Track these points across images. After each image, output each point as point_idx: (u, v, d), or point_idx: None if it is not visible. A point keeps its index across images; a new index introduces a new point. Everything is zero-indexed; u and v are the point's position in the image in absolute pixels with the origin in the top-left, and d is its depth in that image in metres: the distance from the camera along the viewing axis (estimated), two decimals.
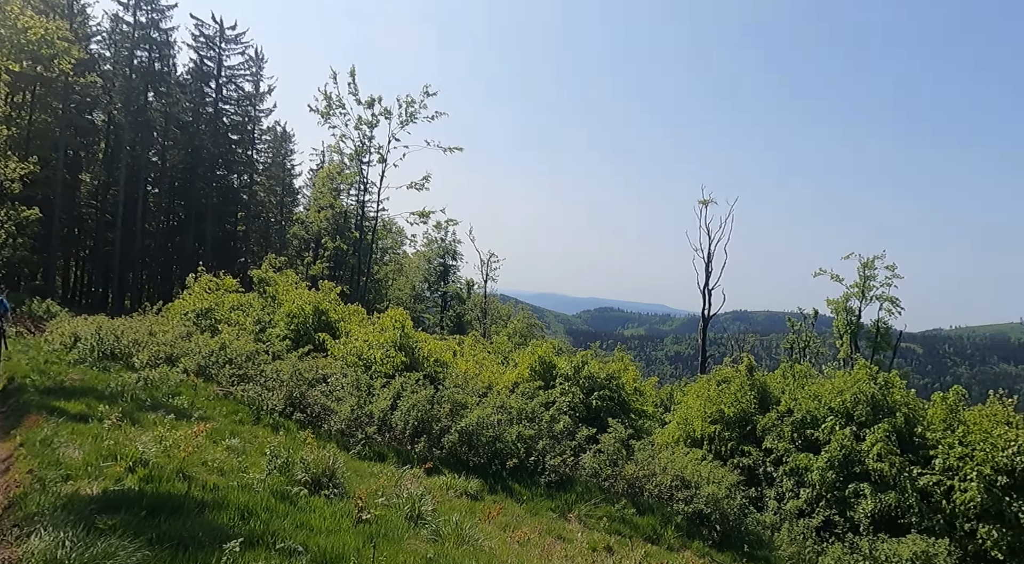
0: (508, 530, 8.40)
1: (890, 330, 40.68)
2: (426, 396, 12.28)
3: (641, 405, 17.33)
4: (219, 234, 50.60)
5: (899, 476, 12.72)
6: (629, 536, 10.43)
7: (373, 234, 46.23)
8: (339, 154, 47.23)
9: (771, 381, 17.79)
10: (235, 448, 8.39)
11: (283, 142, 56.07)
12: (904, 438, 13.73)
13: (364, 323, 17.79)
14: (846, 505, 13.14)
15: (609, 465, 12.48)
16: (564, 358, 16.81)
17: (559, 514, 10.77)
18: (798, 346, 46.36)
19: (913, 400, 14.86)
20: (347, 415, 11.75)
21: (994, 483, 11.89)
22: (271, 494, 6.06)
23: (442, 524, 6.69)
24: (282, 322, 17.12)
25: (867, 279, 41.06)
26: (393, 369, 13.99)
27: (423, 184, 41.81)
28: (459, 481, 10.53)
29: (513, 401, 13.43)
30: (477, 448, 11.90)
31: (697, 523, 11.48)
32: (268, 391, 12.45)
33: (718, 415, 16.47)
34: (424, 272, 60.62)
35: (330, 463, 7.08)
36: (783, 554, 11.28)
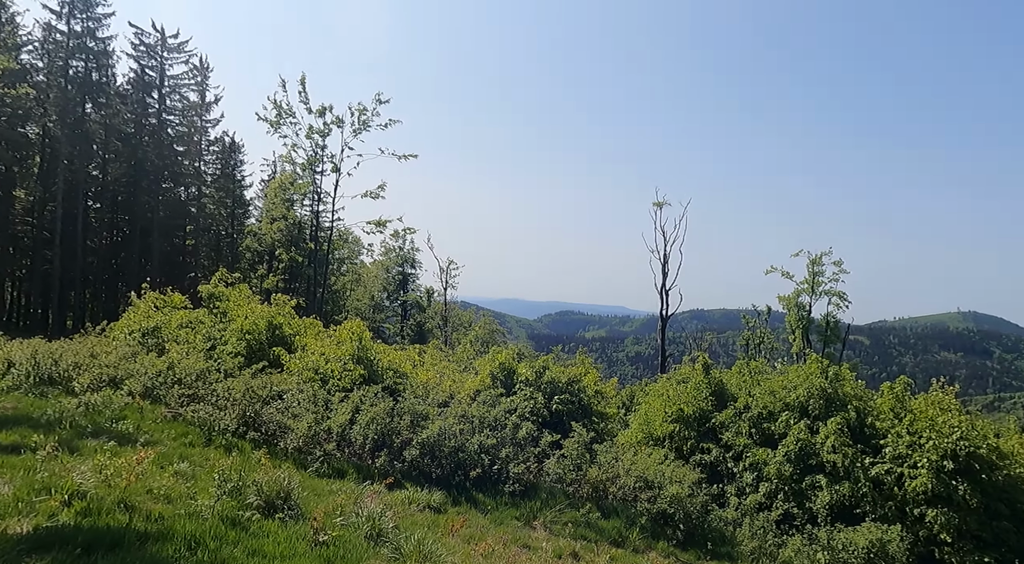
0: (472, 542, 8.27)
1: (839, 323, 42.18)
2: (385, 409, 12.04)
3: (603, 407, 17.42)
4: (167, 249, 48.86)
5: (852, 467, 13.11)
6: (594, 540, 10.42)
7: (329, 244, 45.44)
8: (291, 164, 46.35)
9: (728, 378, 18.15)
10: (184, 473, 8.03)
11: (232, 153, 54.55)
12: (856, 429, 14.17)
13: (321, 336, 17.35)
14: (804, 497, 13.46)
15: (573, 470, 12.47)
16: (525, 363, 16.75)
17: (524, 522, 10.69)
18: (753, 342, 47.63)
19: (863, 392, 15.36)
20: (304, 432, 11.40)
21: (941, 469, 12.37)
22: (221, 521, 5.80)
23: (403, 541, 6.53)
24: (234, 338, 16.54)
25: (816, 275, 42.52)
26: (351, 382, 13.67)
27: (379, 193, 41.32)
28: (421, 494, 10.34)
29: (475, 410, 13.30)
30: (439, 459, 11.72)
31: (661, 523, 11.57)
32: (220, 411, 11.98)
33: (678, 414, 16.68)
34: (383, 281, 59.92)
35: (285, 484, 6.83)
36: (745, 549, 11.46)
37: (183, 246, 51.23)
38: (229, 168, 54.15)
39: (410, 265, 60.15)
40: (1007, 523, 12.20)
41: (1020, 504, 12.53)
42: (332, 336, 15.96)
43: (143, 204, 45.95)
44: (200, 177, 51.08)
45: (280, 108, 39.97)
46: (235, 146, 54.69)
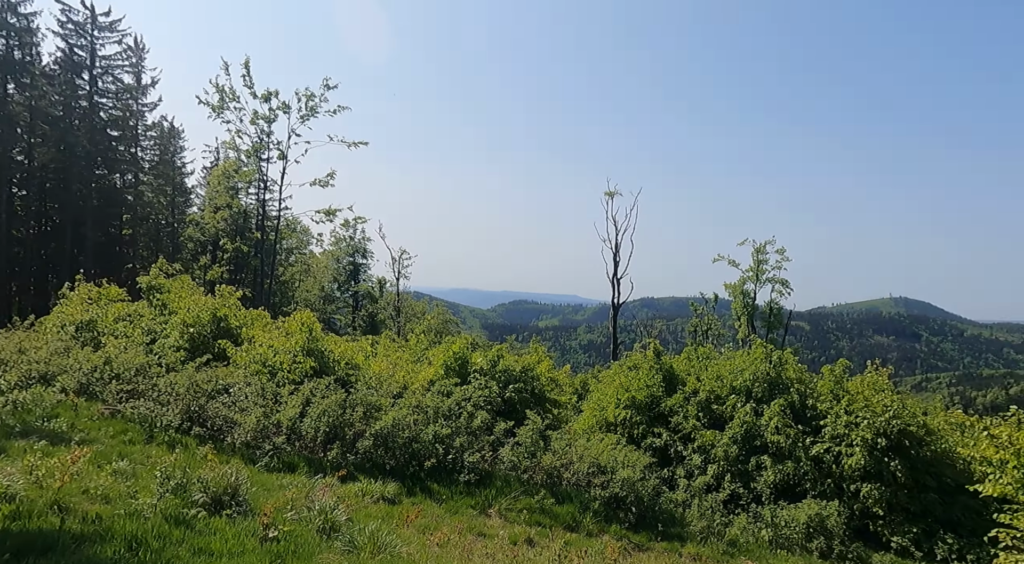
0: (427, 532, 8.25)
1: (781, 310, 43.81)
2: (337, 401, 11.82)
3: (556, 395, 17.59)
4: (101, 239, 46.46)
5: (794, 447, 13.66)
6: (549, 526, 10.54)
7: (276, 234, 44.15)
8: (235, 151, 44.69)
9: (677, 364, 18.60)
10: (123, 471, 7.68)
11: (172, 138, 52.18)
12: (798, 411, 14.76)
13: (269, 328, 16.87)
14: (749, 478, 13.96)
15: (528, 457, 12.57)
16: (479, 353, 16.74)
17: (479, 511, 10.72)
18: (701, 329, 48.96)
19: (804, 375, 15.99)
20: (252, 426, 11.09)
21: (875, 446, 13.02)
22: (164, 520, 5.57)
23: (357, 534, 6.44)
24: (175, 332, 15.91)
25: (760, 263, 43.98)
26: (302, 375, 13.36)
27: (328, 181, 40.34)
28: (375, 486, 10.23)
29: (429, 400, 13.21)
30: (393, 451, 11.61)
31: (614, 507, 11.78)
32: (162, 406, 11.54)
33: (629, 400, 17.00)
34: (333, 272, 58.71)
35: (232, 480, 6.62)
36: (694, 529, 11.79)
37: (119, 236, 48.83)
38: (168, 154, 51.81)
39: (361, 255, 59.07)
40: (933, 495, 12.94)
41: (945, 477, 13.31)
42: (281, 328, 15.55)
43: (74, 192, 43.51)
44: (137, 164, 48.70)
45: (223, 92, 38.43)
46: (175, 131, 52.38)
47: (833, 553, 11.52)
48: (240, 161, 46.57)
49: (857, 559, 11.58)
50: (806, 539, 11.79)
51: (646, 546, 10.68)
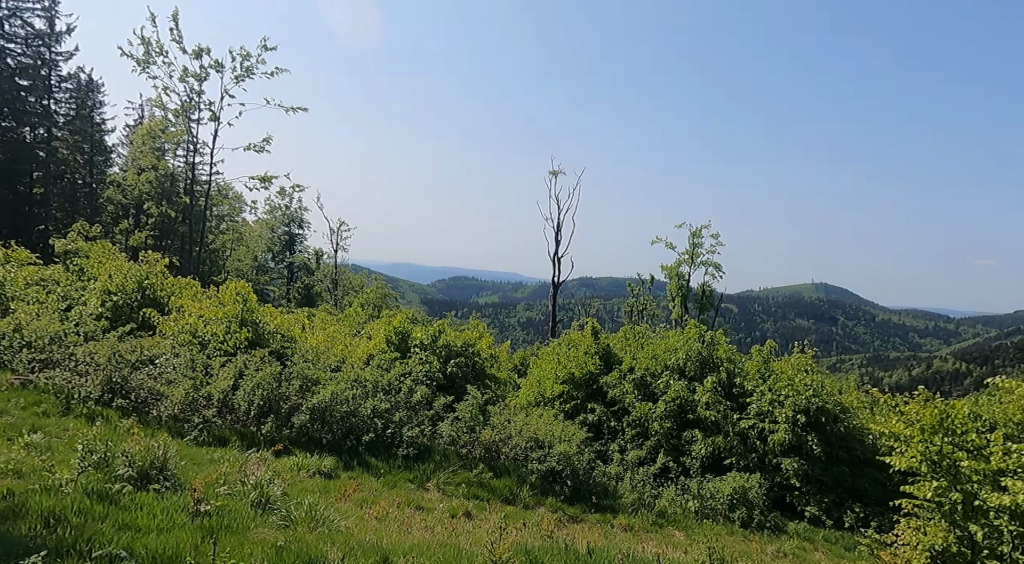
0: (365, 506, 8.18)
1: (713, 292, 45.52)
2: (273, 373, 11.48)
3: (496, 371, 17.70)
4: (9, 197, 42.90)
5: (723, 422, 14.32)
6: (487, 499, 10.68)
7: (207, 199, 42.05)
8: (162, 109, 41.98)
9: (614, 342, 19.07)
10: (37, 445, 7.22)
11: (90, 92, 48.37)
12: (727, 388, 15.45)
13: (199, 297, 16.10)
14: (680, 452, 14.56)
15: (467, 432, 12.63)
16: (420, 328, 16.59)
17: (418, 485, 10.72)
18: (637, 309, 50.26)
19: (734, 355, 16.72)
20: (181, 398, 10.63)
21: (796, 422, 13.81)
22: (85, 495, 5.28)
23: (294, 508, 6.30)
24: (95, 299, 14.97)
25: (696, 246, 45.41)
26: (235, 346, 12.86)
27: (264, 146, 38.58)
28: (311, 460, 10.05)
29: (368, 374, 13.03)
30: (330, 425, 11.42)
31: (550, 480, 12.04)
32: (80, 377, 10.88)
33: (567, 377, 17.34)
34: (267, 241, 56.58)
35: (160, 453, 6.33)
36: (626, 501, 12.21)
37: (29, 195, 45.22)
38: (86, 109, 48.10)
39: (297, 225, 57.12)
40: (844, 468, 13.90)
41: (855, 451, 14.30)
42: (213, 298, 14.87)
43: None
44: (50, 117, 45.04)
45: (148, 45, 35.89)
46: (93, 84, 48.62)
47: (753, 522, 12.20)
48: (167, 120, 43.83)
49: (775, 527, 12.31)
50: (729, 509, 12.42)
51: (580, 518, 10.99)
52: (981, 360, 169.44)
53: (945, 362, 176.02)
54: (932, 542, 7.08)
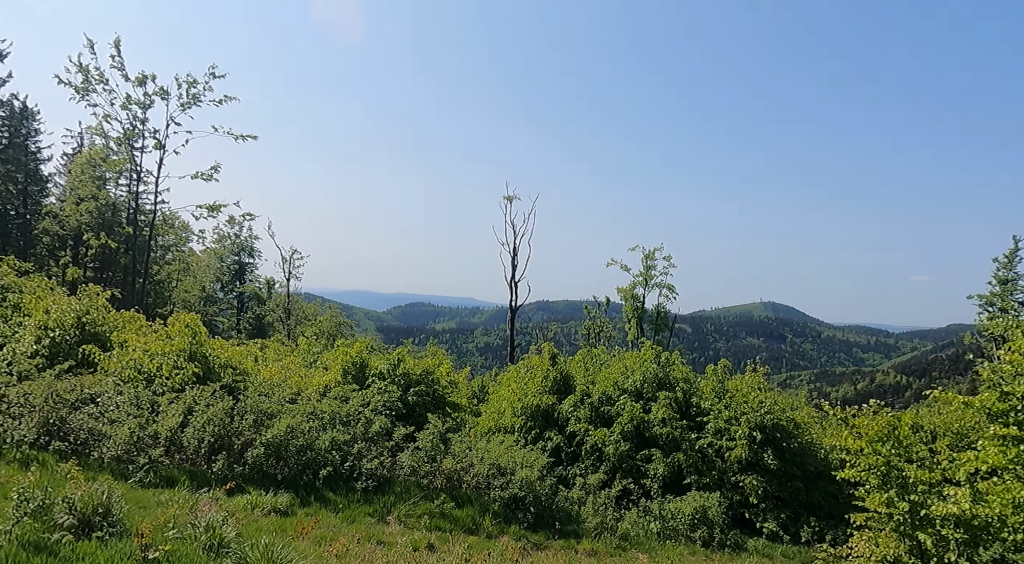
0: (324, 544, 7.93)
1: (668, 313, 46.50)
2: (224, 408, 11.08)
3: (457, 398, 17.54)
4: None
5: (681, 440, 14.51)
6: (450, 530, 10.49)
7: (151, 230, 40.56)
8: (103, 137, 40.56)
9: (572, 366, 19.16)
10: None
11: (24, 120, 46.50)
12: (683, 408, 15.69)
13: (144, 331, 15.47)
14: (640, 474, 14.64)
15: (427, 461, 12.43)
16: (378, 356, 16.34)
17: (378, 518, 10.46)
18: (594, 331, 50.83)
19: (690, 375, 17.04)
20: (125, 438, 10.13)
21: (753, 439, 14.12)
22: (21, 547, 4.95)
23: (249, 549, 6.06)
24: (29, 336, 14.20)
25: (649, 269, 46.47)
26: (183, 382, 12.37)
27: (212, 174, 37.60)
28: (266, 498, 9.69)
29: (325, 405, 12.73)
30: (286, 459, 11.07)
31: (513, 508, 11.92)
32: (13, 419, 10.26)
33: (523, 408, 17.29)
34: (216, 271, 54.91)
35: (103, 498, 6.01)
36: (589, 526, 12.19)
37: None
38: (20, 137, 46.17)
39: (247, 254, 55.70)
40: (799, 483, 14.24)
41: (809, 466, 14.69)
42: (159, 331, 14.32)
43: None
44: None
45: (87, 72, 34.77)
46: (28, 112, 46.77)
47: (714, 541, 12.34)
48: (109, 149, 42.47)
49: (735, 545, 12.47)
50: (691, 529, 12.53)
51: (544, 545, 10.89)
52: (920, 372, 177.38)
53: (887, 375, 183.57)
54: (884, 553, 7.31)
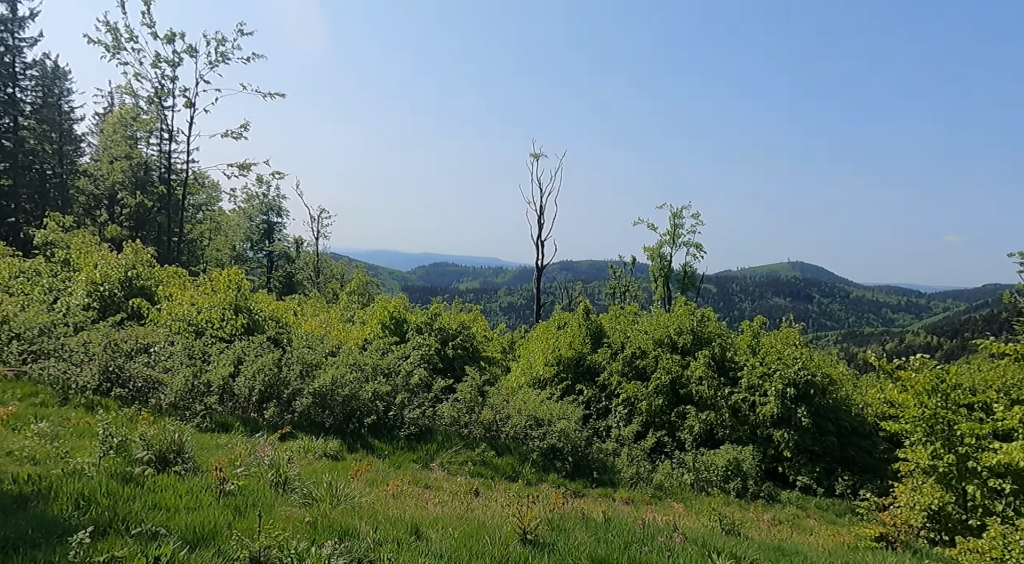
0: (376, 486, 8.26)
1: (695, 273, 46.13)
2: (273, 359, 11.45)
3: (492, 352, 17.81)
4: None
5: (716, 396, 14.61)
6: (491, 477, 10.82)
7: (184, 188, 41.19)
8: (133, 96, 40.89)
9: (605, 322, 19.27)
10: (45, 434, 7.15)
11: (57, 80, 46.89)
12: (719, 363, 15.75)
13: (187, 286, 15.92)
14: (674, 427, 14.84)
15: (467, 412, 12.75)
16: (416, 311, 16.61)
17: (422, 465, 10.83)
18: (619, 291, 50.72)
19: (724, 331, 17.04)
20: (180, 386, 10.56)
21: (785, 395, 14.16)
22: (110, 478, 5.28)
23: (313, 487, 6.36)
24: (81, 290, 14.72)
25: (677, 227, 45.89)
26: (231, 334, 12.77)
27: (241, 133, 37.84)
28: (317, 443, 10.09)
29: (367, 358, 13.05)
30: (332, 408, 11.44)
31: (551, 457, 12.23)
32: (76, 367, 10.74)
33: (557, 358, 17.51)
34: (246, 230, 55.67)
35: (176, 437, 6.33)
36: (625, 476, 12.47)
37: None
38: (54, 97, 46.70)
39: (276, 213, 56.23)
40: (833, 438, 14.32)
41: (843, 422, 14.73)
42: (203, 285, 14.71)
43: None
44: (16, 106, 43.68)
45: (116, 31, 34.82)
46: (60, 71, 47.17)
47: (748, 492, 12.55)
48: (139, 108, 42.77)
49: (769, 497, 12.68)
50: (724, 481, 12.75)
51: (582, 493, 11.20)
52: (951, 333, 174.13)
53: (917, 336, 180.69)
54: (928, 502, 7.38)
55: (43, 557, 3.52)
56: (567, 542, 5.18)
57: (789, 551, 5.96)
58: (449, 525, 5.45)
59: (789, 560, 5.49)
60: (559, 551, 4.90)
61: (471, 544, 4.82)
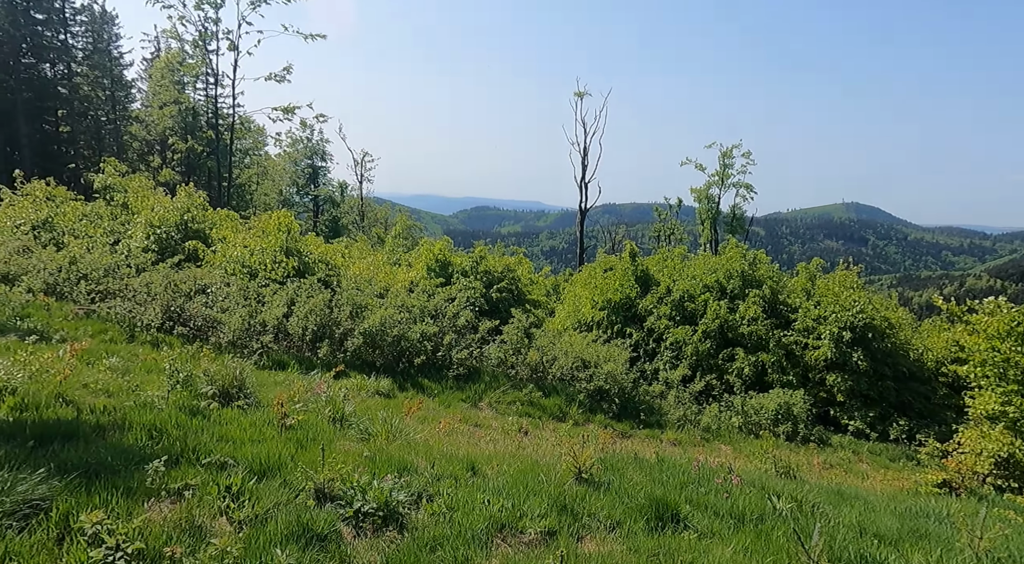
0: (427, 423, 8.43)
1: (744, 215, 44.68)
2: (324, 300, 11.67)
3: (537, 295, 17.79)
4: (37, 136, 43.15)
5: (767, 338, 14.31)
6: (539, 417, 10.96)
7: (231, 133, 41.67)
8: (178, 40, 41.16)
9: (651, 265, 18.94)
10: (117, 368, 7.51)
11: (105, 25, 47.40)
12: (771, 306, 15.35)
13: (239, 229, 16.27)
14: (722, 371, 14.67)
15: (513, 354, 12.85)
16: (461, 254, 16.62)
17: (471, 404, 11.02)
18: (664, 234, 49.68)
19: (776, 273, 16.53)
20: (238, 325, 10.90)
21: (841, 339, 13.74)
22: (178, 410, 5.49)
23: (368, 423, 6.51)
24: (141, 233, 15.21)
25: (726, 167, 44.25)
26: (284, 275, 13.06)
27: (284, 75, 37.73)
28: (369, 382, 10.35)
29: (414, 300, 13.19)
30: (382, 348, 11.68)
31: (597, 399, 12.29)
32: (140, 306, 11.19)
33: (605, 302, 17.37)
34: (291, 175, 56.39)
35: (238, 373, 6.53)
36: (672, 417, 12.47)
37: (56, 133, 45.39)
38: (103, 43, 47.30)
39: (320, 157, 56.61)
40: (889, 383, 13.93)
41: (900, 366, 14.28)
42: (255, 228, 14.99)
43: (1, 82, 39.79)
44: (68, 52, 44.49)
45: None
46: (108, 17, 47.58)
47: (798, 436, 12.41)
48: (184, 52, 42.95)
49: (819, 440, 12.51)
50: (774, 424, 12.62)
51: (629, 433, 11.26)
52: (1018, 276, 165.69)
53: (979, 279, 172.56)
54: (997, 449, 7.10)
55: (123, 483, 3.68)
56: (622, 481, 5.17)
57: (849, 495, 5.84)
58: (503, 462, 5.52)
59: (850, 504, 5.38)
60: (615, 490, 4.90)
61: (527, 481, 4.86)
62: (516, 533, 4.03)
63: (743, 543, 4.14)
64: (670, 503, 4.57)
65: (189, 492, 3.76)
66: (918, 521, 5.17)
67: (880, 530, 4.74)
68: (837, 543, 4.22)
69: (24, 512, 3.22)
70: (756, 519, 4.60)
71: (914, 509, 5.63)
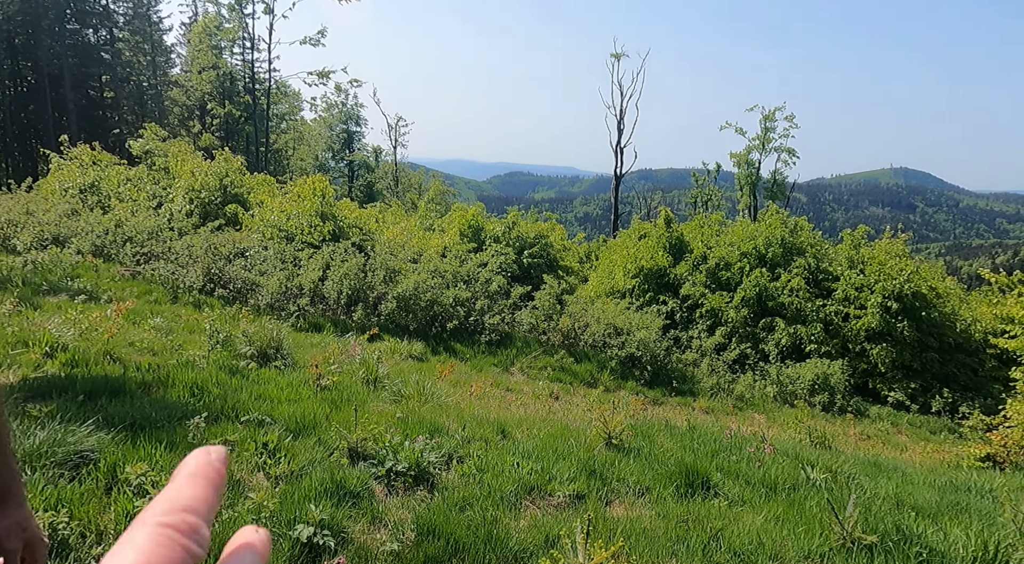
0: (459, 387, 8.54)
1: (785, 180, 43.26)
2: (358, 264, 11.81)
3: (570, 262, 17.67)
4: (82, 102, 44.19)
5: (808, 308, 13.97)
6: (570, 383, 10.99)
7: (268, 97, 41.98)
8: (215, 4, 41.28)
9: (687, 231, 18.56)
10: (160, 328, 7.76)
11: None
12: (812, 274, 14.95)
13: (275, 194, 16.49)
14: (758, 340, 14.43)
15: (545, 319, 12.85)
16: (493, 220, 16.56)
17: (502, 369, 11.11)
18: (701, 200, 48.54)
19: (818, 241, 16.03)
20: (276, 288, 11.14)
21: (887, 308, 13.33)
22: (218, 369, 5.67)
23: (401, 385, 6.63)
24: (181, 197, 15.56)
25: (767, 131, 42.71)
26: (319, 239, 13.24)
27: (319, 39, 37.70)
28: (402, 345, 10.50)
29: (446, 265, 13.24)
30: (415, 312, 11.80)
31: (629, 366, 12.25)
32: (183, 268, 11.51)
33: (638, 269, 17.14)
34: (327, 140, 56.65)
35: (275, 334, 6.69)
36: (704, 385, 12.37)
37: (101, 99, 46.40)
38: (143, 7, 47.78)
39: (355, 122, 56.65)
40: (934, 354, 13.52)
41: (947, 337, 13.82)
42: (291, 192, 15.17)
43: (47, 48, 40.63)
44: (110, 17, 45.10)
45: None
46: None
47: (835, 406, 12.19)
48: (221, 16, 43.11)
49: (856, 411, 12.27)
50: (810, 394, 12.41)
51: (661, 401, 11.22)
52: None
53: None
54: None
55: (166, 437, 3.83)
56: (652, 448, 5.16)
57: (886, 466, 5.72)
58: (534, 426, 5.55)
59: (887, 476, 5.27)
60: (644, 456, 4.90)
61: (557, 445, 4.89)
62: (545, 496, 4.07)
63: (775, 512, 4.11)
64: (700, 470, 4.55)
65: (228, 447, 3.90)
66: (958, 494, 5.05)
67: (918, 503, 4.64)
68: (872, 514, 4.15)
69: (75, 462, 3.38)
70: (789, 488, 4.55)
71: (955, 482, 5.49)
